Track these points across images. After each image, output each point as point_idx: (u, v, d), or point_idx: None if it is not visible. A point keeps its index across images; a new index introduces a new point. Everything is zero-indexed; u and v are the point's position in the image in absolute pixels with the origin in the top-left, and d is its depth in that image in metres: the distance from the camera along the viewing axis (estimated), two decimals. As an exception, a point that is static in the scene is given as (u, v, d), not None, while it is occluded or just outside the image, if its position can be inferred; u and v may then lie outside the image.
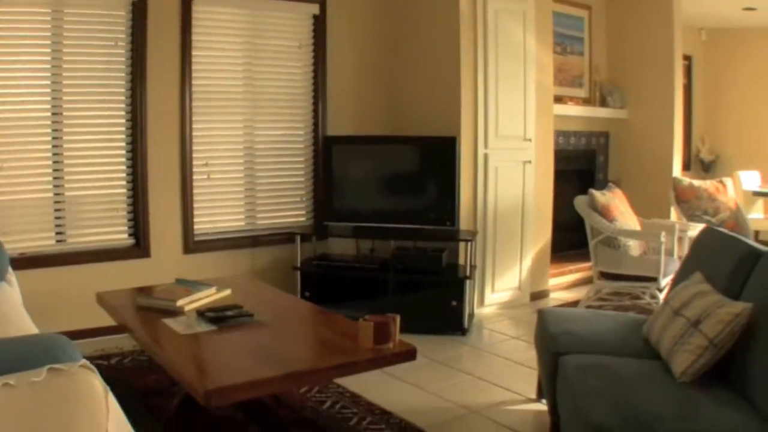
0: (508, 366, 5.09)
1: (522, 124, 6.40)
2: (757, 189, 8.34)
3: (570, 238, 7.80)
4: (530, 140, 6.46)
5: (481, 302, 6.31)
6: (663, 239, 5.75)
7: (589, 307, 6.25)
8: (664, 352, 3.43)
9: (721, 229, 4.33)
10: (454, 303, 5.67)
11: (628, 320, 4.25)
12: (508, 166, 6.36)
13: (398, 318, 3.45)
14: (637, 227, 6.33)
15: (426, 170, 6.09)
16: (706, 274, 3.74)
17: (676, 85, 8.00)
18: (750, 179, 8.39)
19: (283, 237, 6.12)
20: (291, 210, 6.30)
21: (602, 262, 6.14)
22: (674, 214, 7.92)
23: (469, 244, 5.76)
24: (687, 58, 9.21)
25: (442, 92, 6.15)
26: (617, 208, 6.24)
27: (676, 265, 6.07)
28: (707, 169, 9.46)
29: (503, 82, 6.22)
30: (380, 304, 5.56)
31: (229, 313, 3.63)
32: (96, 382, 1.68)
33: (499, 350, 5.43)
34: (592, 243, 6.14)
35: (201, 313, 3.65)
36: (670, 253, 6.28)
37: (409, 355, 3.40)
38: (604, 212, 6.09)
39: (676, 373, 3.22)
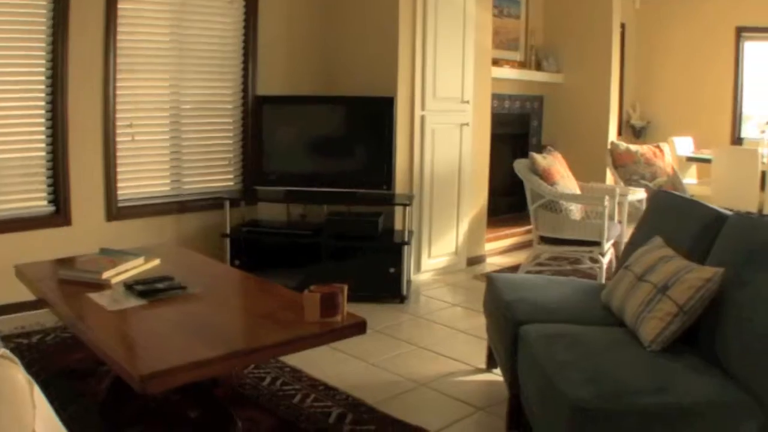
0: (451, 334, 4.86)
1: (460, 85, 6.14)
2: (691, 154, 8.26)
3: (504, 203, 7.64)
4: (468, 102, 6.21)
5: (418, 268, 6.06)
6: (606, 203, 5.56)
7: (529, 272, 6.06)
8: (629, 319, 3.24)
9: (678, 193, 4.15)
10: (392, 270, 5.40)
11: (582, 286, 4.07)
12: (445, 128, 6.09)
13: (345, 288, 3.16)
14: (578, 191, 6.14)
15: (361, 132, 5.79)
16: (667, 238, 3.58)
17: (614, 50, 7.86)
18: (683, 145, 8.30)
19: (210, 202, 5.71)
20: (219, 174, 5.89)
21: (543, 226, 5.93)
22: (609, 178, 7.79)
23: (406, 208, 5.48)
24: (621, 25, 9.06)
25: (379, 51, 5.83)
26: (558, 172, 6.03)
27: (617, 229, 5.92)
28: (638, 134, 9.38)
29: (442, 41, 5.94)
30: (314, 272, 5.30)
31: (160, 285, 3.27)
32: (19, 376, 1.34)
33: (440, 318, 5.19)
34: (532, 207, 5.92)
35: (129, 286, 3.27)
36: (611, 217, 6.13)
37: (359, 328, 3.13)
38: (545, 176, 5.87)
39: (645, 341, 3.04)
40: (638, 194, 6.50)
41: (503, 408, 3.63)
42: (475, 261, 6.65)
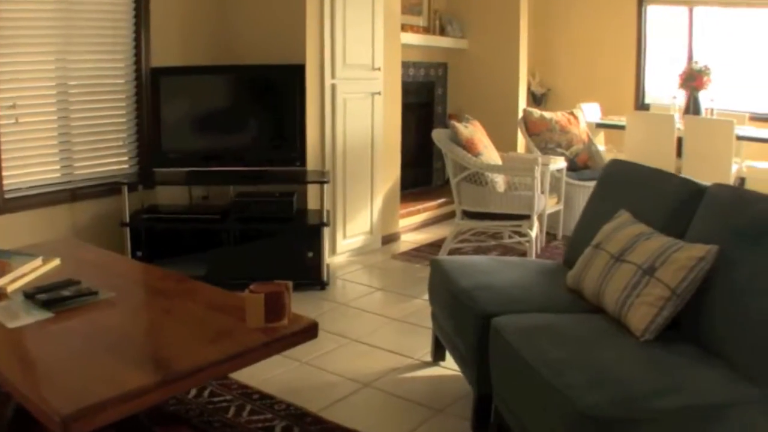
0: (384, 323, 4.43)
1: (370, 51, 5.67)
2: (600, 121, 8.04)
3: (410, 176, 7.21)
4: (379, 69, 5.74)
5: (333, 250, 5.58)
6: (537, 174, 5.22)
7: (453, 249, 5.68)
8: (610, 305, 2.91)
9: (635, 162, 3.83)
10: (310, 254, 4.92)
11: (539, 268, 3.73)
12: (356, 97, 5.62)
13: (290, 285, 2.66)
14: (500, 162, 5.77)
15: (270, 104, 5.23)
16: (634, 212, 3.27)
17: (522, 13, 7.54)
18: (591, 111, 8.07)
19: (105, 188, 4.99)
20: (113, 156, 5.14)
21: (467, 200, 5.55)
22: (521, 146, 7.49)
23: (324, 186, 4.97)
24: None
25: (284, 15, 5.26)
26: (481, 142, 5.65)
27: (543, 200, 5.59)
28: (539, 102, 9.11)
29: (351, 3, 5.44)
30: (224, 260, 4.84)
31: (66, 292, 2.68)
32: None
33: (367, 305, 4.76)
34: (455, 180, 5.53)
35: (30, 296, 2.66)
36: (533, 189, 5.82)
37: (310, 331, 2.67)
38: (468, 146, 5.48)
39: (637, 330, 2.72)
40: (559, 163, 6.19)
41: (464, 408, 3.28)
42: (389, 239, 6.23)
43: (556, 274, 3.54)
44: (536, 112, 7.08)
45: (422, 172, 7.60)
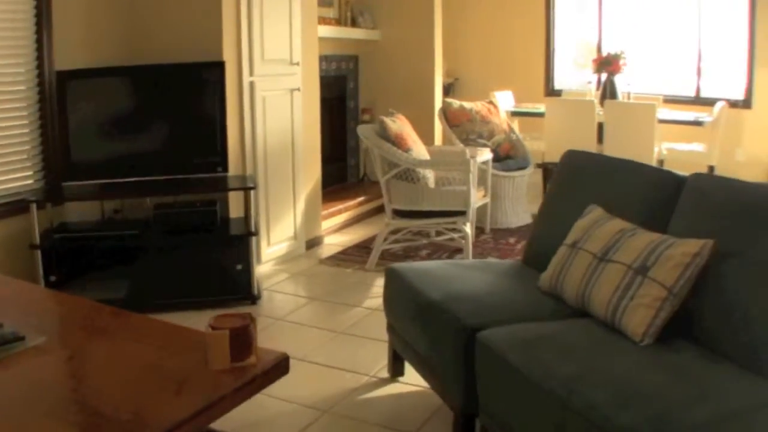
0: (328, 338, 4.10)
1: (288, 46, 5.29)
2: (515, 108, 7.89)
3: (327, 174, 6.83)
4: (298, 64, 5.37)
5: (258, 259, 5.16)
6: (473, 168, 4.96)
7: (386, 250, 5.40)
8: (600, 309, 2.69)
9: (595, 152, 3.60)
10: (239, 266, 4.52)
11: (503, 270, 3.47)
12: (276, 95, 5.24)
13: (254, 317, 2.30)
14: (428, 156, 5.49)
15: (187, 107, 4.76)
16: (606, 206, 3.06)
17: (437, 4, 7.25)
18: (505, 99, 7.90)
19: (9, 207, 4.37)
20: (16, 172, 4.50)
21: (398, 198, 5.26)
22: (439, 139, 7.24)
23: (250, 192, 4.58)
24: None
25: (198, 9, 4.82)
26: (410, 136, 5.38)
27: (474, 195, 5.33)
28: (446, 92, 8.89)
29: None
30: (147, 279, 4.40)
31: (-11, 340, 2.24)
32: None
33: (305, 318, 4.43)
34: (384, 178, 5.23)
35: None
36: (463, 183, 5.56)
37: (282, 367, 2.31)
38: (397, 141, 5.19)
39: (636, 335, 2.52)
40: (485, 155, 5.96)
41: (439, 427, 3.04)
42: (313, 243, 5.88)
43: (523, 276, 3.32)
44: (456, 102, 6.85)
45: (337, 169, 7.26)
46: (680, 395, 2.12)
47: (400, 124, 5.41)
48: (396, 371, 3.55)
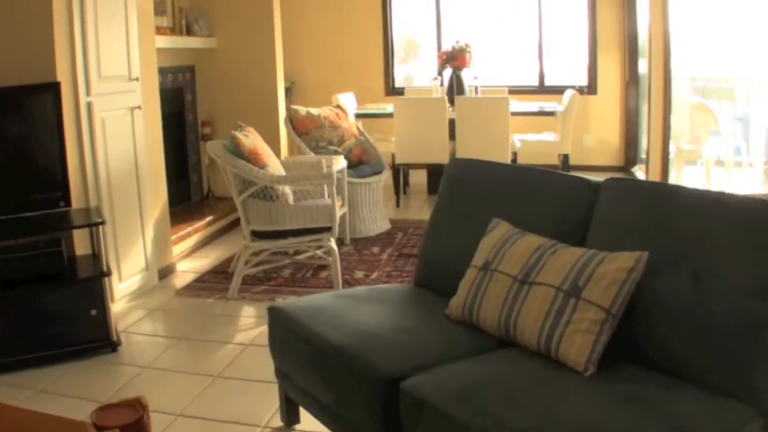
0: (205, 384, 3.63)
1: (126, 60, 4.74)
2: (359, 111, 7.67)
3: (169, 194, 6.33)
4: (137, 80, 4.84)
5: (111, 298, 4.61)
6: (336, 181, 4.69)
7: (247, 275, 5.02)
8: (531, 338, 2.45)
9: (485, 160, 3.39)
10: (93, 312, 3.99)
11: (394, 298, 3.16)
12: (116, 115, 4.67)
13: (144, 403, 1.92)
14: (282, 170, 5.14)
15: (19, 136, 4.07)
16: (511, 219, 2.85)
17: (275, 4, 6.85)
18: (347, 102, 7.65)
19: None
20: None
21: (256, 219, 4.86)
22: (285, 149, 6.90)
23: (100, 228, 4.07)
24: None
25: (25, 24, 4.15)
26: (264, 151, 5.00)
27: (338, 209, 5.05)
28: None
29: (102, 5, 4.49)
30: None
31: None
32: None
33: (174, 363, 3.94)
34: (240, 198, 4.82)
35: None
36: (321, 195, 5.26)
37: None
38: (252, 158, 4.80)
39: (579, 365, 2.30)
40: (340, 163, 5.67)
41: None
42: (166, 272, 5.36)
43: (425, 303, 3.04)
44: (302, 109, 6.52)
45: (179, 188, 6.71)
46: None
47: (252, 139, 5.02)
48: (291, 419, 3.15)
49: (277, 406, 3.23)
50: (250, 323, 4.55)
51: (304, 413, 3.07)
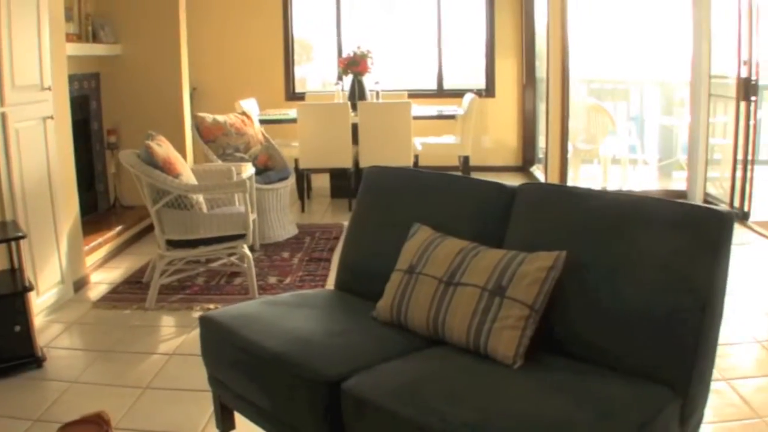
0: (135, 395, 3.63)
1: (38, 68, 4.65)
2: (263, 116, 7.71)
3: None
4: (50, 89, 4.76)
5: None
6: (250, 188, 4.79)
7: (164, 285, 5.01)
8: (460, 336, 2.60)
9: (402, 167, 3.54)
10: (17, 328, 3.93)
11: (321, 303, 3.25)
12: (29, 126, 4.58)
13: (107, 417, 1.97)
14: (194, 178, 5.17)
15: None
16: (430, 224, 2.98)
17: (180, 10, 6.83)
18: (250, 107, 7.68)
19: None
20: None
21: (171, 228, 4.86)
22: (191, 155, 6.90)
23: (19, 243, 4.02)
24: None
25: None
26: (177, 160, 5.00)
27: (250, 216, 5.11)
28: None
29: (16, 14, 4.39)
30: None
31: None
32: None
33: (100, 376, 3.90)
34: (154, 208, 4.81)
35: None
36: (232, 202, 5.33)
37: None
38: (166, 167, 4.80)
39: (507, 358, 2.46)
40: (249, 170, 5.73)
41: None
42: (81, 284, 5.27)
43: (351, 307, 3.14)
44: (209, 116, 6.52)
45: (87, 198, 6.59)
46: (589, 417, 2.09)
47: (165, 148, 5.00)
48: (226, 425, 3.17)
49: (210, 412, 3.27)
50: (172, 333, 4.56)
51: (239, 418, 3.10)
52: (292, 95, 9.19)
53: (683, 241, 2.38)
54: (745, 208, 6.86)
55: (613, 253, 2.49)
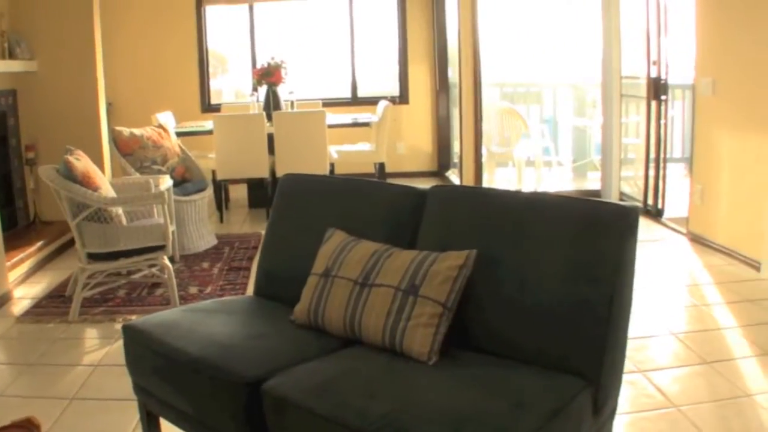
0: (62, 407, 3.65)
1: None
2: (177, 129, 7.78)
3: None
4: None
5: (-51, 331, 4.61)
6: (168, 200, 4.93)
7: (85, 298, 5.10)
8: (375, 335, 2.69)
9: (315, 174, 3.72)
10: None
11: (240, 308, 3.35)
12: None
13: (37, 420, 2.15)
14: (113, 192, 5.32)
15: None
16: (344, 228, 3.09)
17: (96, 26, 6.87)
18: (167, 120, 7.76)
19: None
20: None
21: (92, 242, 4.90)
22: (109, 169, 7.01)
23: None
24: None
25: None
26: (96, 174, 5.03)
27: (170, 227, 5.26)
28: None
29: None
30: None
31: None
32: None
33: (26, 389, 3.91)
34: (74, 222, 4.84)
35: None
36: (151, 215, 5.49)
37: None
38: (85, 181, 4.84)
39: (422, 355, 2.56)
40: (167, 182, 5.89)
41: None
42: (3, 300, 5.19)
43: (269, 311, 3.20)
44: (126, 130, 6.58)
45: (6, 213, 6.57)
46: (502, 407, 2.20)
47: (84, 162, 5.03)
48: (153, 431, 3.22)
49: (137, 420, 3.30)
50: (95, 344, 4.57)
51: (165, 424, 3.15)
52: (208, 107, 9.28)
53: (589, 236, 2.49)
54: (659, 206, 7.07)
55: (522, 249, 2.60)
